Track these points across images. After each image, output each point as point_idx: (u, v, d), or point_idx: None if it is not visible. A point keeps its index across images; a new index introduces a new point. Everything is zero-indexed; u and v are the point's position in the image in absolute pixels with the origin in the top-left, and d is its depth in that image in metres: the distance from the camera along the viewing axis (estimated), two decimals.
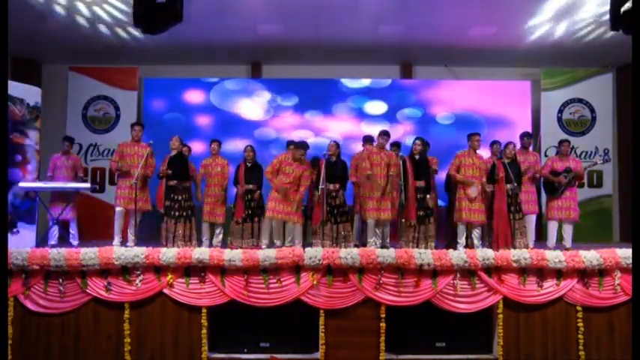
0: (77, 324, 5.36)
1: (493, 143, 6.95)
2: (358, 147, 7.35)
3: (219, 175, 6.79)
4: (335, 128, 8.98)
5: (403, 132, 8.88)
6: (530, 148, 7.10)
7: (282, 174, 6.34)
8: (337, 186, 6.38)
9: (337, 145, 6.57)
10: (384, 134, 6.51)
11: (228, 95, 9.07)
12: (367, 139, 7.00)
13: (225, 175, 6.84)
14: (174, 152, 6.58)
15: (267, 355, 5.47)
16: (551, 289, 5.45)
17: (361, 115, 9.04)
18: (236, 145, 8.24)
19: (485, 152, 6.93)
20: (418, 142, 6.47)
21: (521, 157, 6.78)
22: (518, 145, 6.93)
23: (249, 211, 6.74)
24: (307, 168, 6.40)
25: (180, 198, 6.47)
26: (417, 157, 6.48)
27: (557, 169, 6.79)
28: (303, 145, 6.47)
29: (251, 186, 6.79)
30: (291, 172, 6.31)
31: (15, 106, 6.80)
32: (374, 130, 7.44)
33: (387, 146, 6.68)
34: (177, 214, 6.41)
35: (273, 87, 9.07)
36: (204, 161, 6.89)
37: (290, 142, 7.25)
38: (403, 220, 6.25)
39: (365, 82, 9.08)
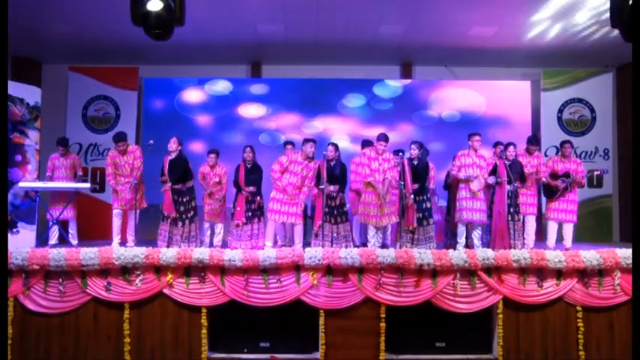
0: (77, 324, 5.35)
1: (496, 144, 6.96)
2: (358, 149, 7.32)
3: (216, 184, 6.79)
4: (335, 129, 8.99)
5: (405, 132, 8.88)
6: (536, 153, 7.05)
7: (289, 173, 6.28)
8: (336, 187, 6.37)
9: (336, 147, 6.54)
10: (383, 139, 6.29)
11: (228, 95, 9.07)
12: (366, 143, 6.95)
13: (224, 185, 6.83)
14: (173, 155, 6.54)
15: (267, 355, 5.46)
16: (551, 289, 5.44)
17: (361, 116, 9.05)
18: (235, 146, 8.23)
19: (487, 153, 6.93)
20: (414, 146, 6.48)
21: (525, 160, 6.77)
22: (524, 148, 6.92)
23: (249, 213, 6.72)
24: (313, 169, 6.33)
25: (184, 200, 6.46)
26: (414, 161, 6.48)
27: (558, 171, 6.78)
28: (314, 140, 6.42)
29: (251, 188, 6.75)
30: (299, 171, 6.27)
31: (15, 106, 6.81)
32: (374, 131, 7.42)
33: (386, 150, 6.62)
34: (183, 216, 6.40)
35: (273, 87, 9.07)
36: (202, 169, 6.85)
37: (287, 142, 7.26)
38: (403, 225, 6.25)
39: (365, 82, 9.10)
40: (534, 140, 7.06)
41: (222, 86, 9.09)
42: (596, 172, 7.37)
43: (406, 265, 5.30)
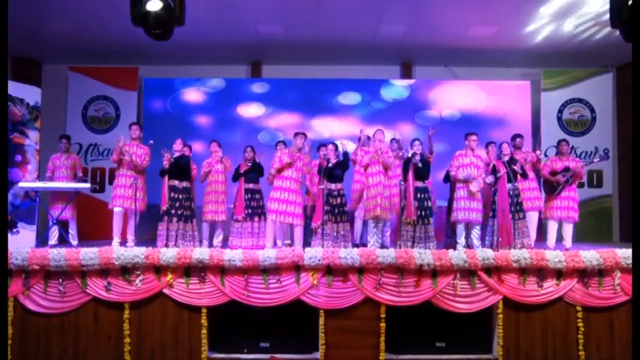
0: (77, 324, 5.36)
1: (488, 144, 6.97)
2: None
3: (220, 172, 6.79)
4: (335, 129, 8.98)
5: (406, 132, 8.86)
6: (523, 148, 7.08)
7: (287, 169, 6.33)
8: (337, 186, 6.38)
9: (336, 147, 6.57)
10: (380, 132, 6.54)
11: (227, 95, 9.07)
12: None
13: (229, 170, 6.85)
14: (177, 154, 6.57)
15: (267, 355, 5.47)
16: (551, 289, 5.45)
17: (361, 116, 9.04)
18: (236, 146, 8.22)
19: (484, 153, 6.93)
20: (417, 142, 6.48)
21: (518, 157, 6.77)
22: (512, 148, 6.94)
23: (250, 211, 6.74)
24: (305, 158, 6.40)
25: (180, 197, 6.47)
26: (416, 157, 6.47)
27: (557, 169, 6.80)
28: (304, 133, 6.56)
29: (251, 185, 6.80)
30: (298, 165, 6.35)
31: (15, 106, 6.81)
32: (373, 130, 7.40)
33: (385, 142, 6.68)
34: (178, 212, 6.41)
35: (273, 87, 9.07)
36: (205, 162, 6.88)
37: (279, 142, 7.29)
38: (403, 219, 6.25)
39: (365, 82, 9.09)
40: (516, 136, 7.07)
41: (222, 86, 9.09)
42: (596, 159, 7.43)
43: (406, 265, 5.30)
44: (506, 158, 6.35)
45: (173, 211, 6.39)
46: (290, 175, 6.33)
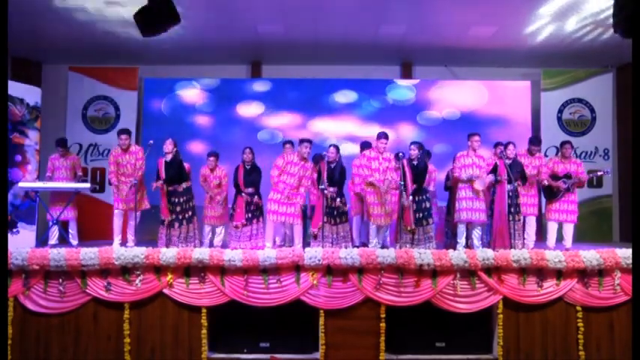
0: (77, 324, 5.36)
1: (496, 145, 6.94)
2: (358, 149, 7.26)
3: (217, 187, 6.77)
4: (335, 129, 8.97)
5: (406, 132, 8.87)
6: (537, 154, 7.00)
7: (285, 174, 6.30)
8: (335, 189, 6.35)
9: (337, 149, 6.54)
10: (383, 136, 6.35)
11: (227, 95, 9.06)
12: (365, 145, 6.91)
13: (224, 187, 6.81)
14: (169, 156, 6.52)
15: (267, 355, 5.47)
16: (551, 289, 5.45)
17: (359, 116, 9.04)
18: (235, 145, 8.21)
19: (487, 153, 6.93)
20: (413, 146, 6.47)
21: (526, 160, 6.75)
22: (525, 148, 6.90)
23: (249, 215, 6.70)
24: (310, 168, 6.38)
25: (181, 201, 6.46)
26: (414, 162, 6.46)
27: (558, 172, 6.76)
28: (310, 140, 6.43)
29: (250, 189, 6.72)
30: (295, 171, 6.30)
31: (15, 106, 6.82)
32: (374, 131, 7.40)
33: (387, 149, 6.61)
34: (180, 217, 6.40)
35: (272, 87, 9.06)
36: (203, 170, 6.81)
37: (286, 142, 7.24)
38: (402, 226, 6.25)
39: (366, 82, 9.09)
40: (536, 141, 7.02)
41: (221, 86, 9.08)
42: (599, 173, 7.33)
43: (406, 265, 5.30)
44: (509, 161, 6.32)
45: (174, 217, 6.38)
46: (294, 172, 6.30)
